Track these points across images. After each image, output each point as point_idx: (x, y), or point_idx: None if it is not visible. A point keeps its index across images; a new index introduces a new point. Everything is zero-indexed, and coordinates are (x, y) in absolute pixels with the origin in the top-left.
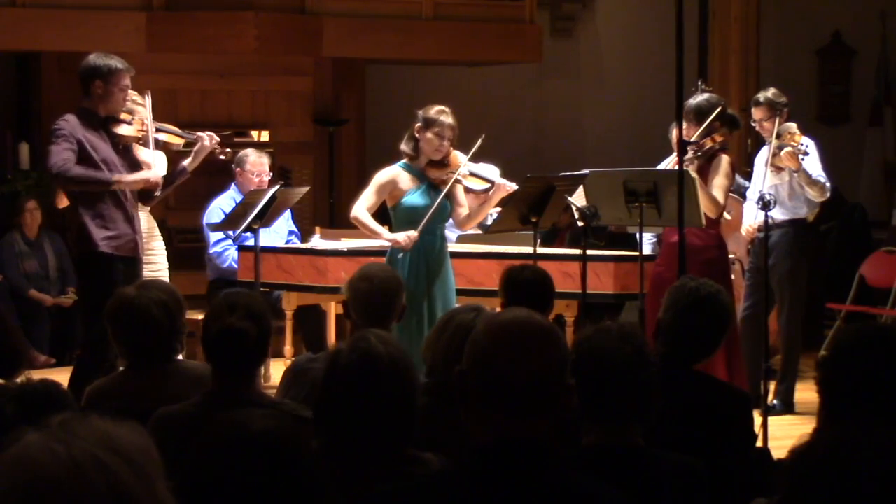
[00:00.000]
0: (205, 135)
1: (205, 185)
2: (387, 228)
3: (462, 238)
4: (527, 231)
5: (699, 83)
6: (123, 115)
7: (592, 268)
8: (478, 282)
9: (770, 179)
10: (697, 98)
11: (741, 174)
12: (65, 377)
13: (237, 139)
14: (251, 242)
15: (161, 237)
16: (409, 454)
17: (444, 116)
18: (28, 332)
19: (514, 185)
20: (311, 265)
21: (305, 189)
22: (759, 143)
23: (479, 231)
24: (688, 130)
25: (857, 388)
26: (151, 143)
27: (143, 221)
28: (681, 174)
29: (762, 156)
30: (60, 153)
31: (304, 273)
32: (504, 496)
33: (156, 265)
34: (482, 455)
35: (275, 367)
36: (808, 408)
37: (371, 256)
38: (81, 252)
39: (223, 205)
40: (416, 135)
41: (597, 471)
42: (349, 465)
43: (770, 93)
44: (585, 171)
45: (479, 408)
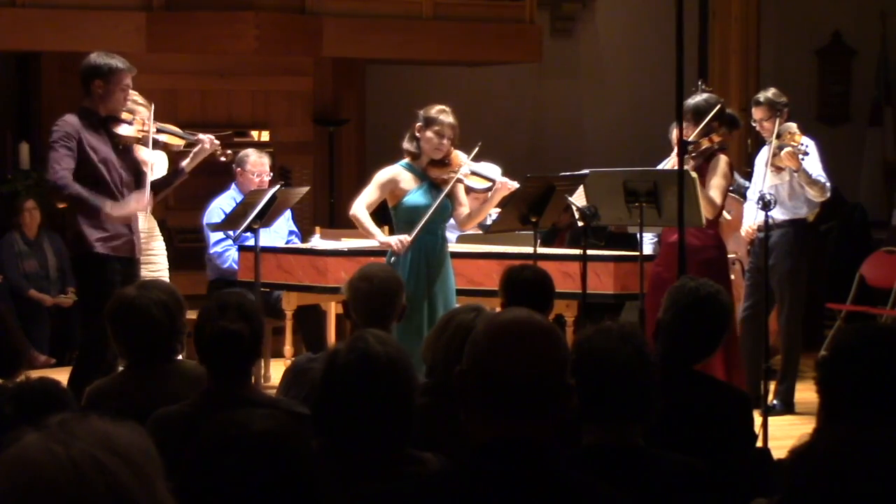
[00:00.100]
0: (205, 137)
1: (205, 186)
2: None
3: (462, 238)
4: (527, 231)
5: (699, 83)
6: (124, 115)
7: (592, 268)
8: (478, 282)
9: (770, 179)
10: (696, 98)
11: (741, 174)
12: (65, 377)
13: (237, 139)
14: (251, 242)
15: (161, 237)
16: (409, 454)
17: (444, 116)
18: (28, 332)
19: (516, 184)
20: (311, 265)
21: (305, 189)
22: (759, 143)
23: (479, 231)
24: (686, 130)
25: (857, 388)
26: (151, 144)
27: (143, 221)
28: (681, 174)
29: (762, 156)
30: (60, 161)
31: (304, 273)
32: (504, 496)
33: (156, 265)
34: (482, 455)
35: (275, 367)
36: (808, 408)
37: (371, 256)
38: (77, 253)
39: (223, 205)
40: (417, 134)
41: (597, 471)
42: (348, 465)
43: (770, 93)
44: (585, 171)
45: (479, 408)
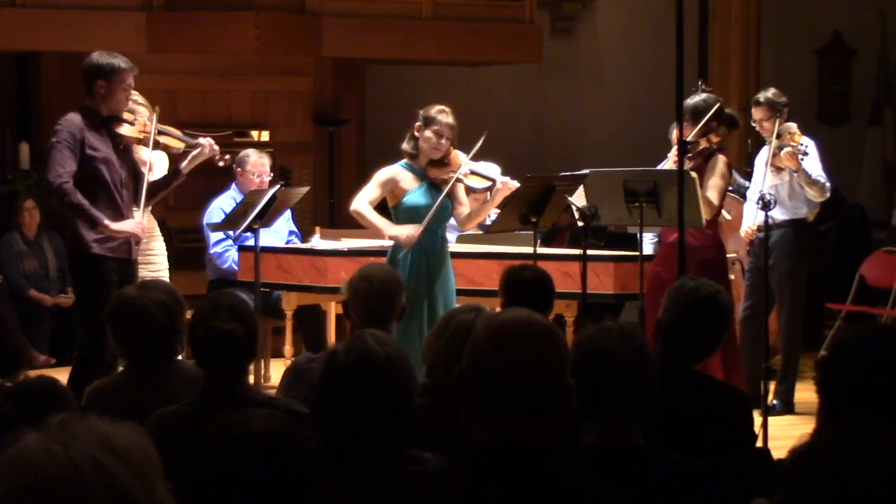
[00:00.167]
0: (205, 141)
1: (205, 186)
2: None
3: (462, 238)
4: (527, 231)
5: (699, 83)
6: (126, 115)
7: (592, 268)
8: (478, 282)
9: (770, 179)
10: (694, 98)
11: (741, 174)
12: (65, 377)
13: (237, 139)
14: (251, 242)
15: (161, 237)
16: (408, 454)
17: (443, 115)
18: (28, 332)
19: (516, 183)
20: (311, 265)
21: (305, 189)
22: (759, 143)
23: (479, 231)
24: (685, 130)
25: (857, 388)
26: (152, 145)
27: (143, 221)
28: (681, 174)
29: (762, 156)
30: (63, 163)
31: (304, 273)
32: (504, 496)
33: (156, 265)
34: (482, 455)
35: (275, 367)
36: (808, 408)
37: (371, 256)
38: (75, 253)
39: (223, 205)
40: (416, 134)
41: (597, 471)
42: (348, 465)
43: (770, 93)
44: (585, 171)
45: (479, 408)
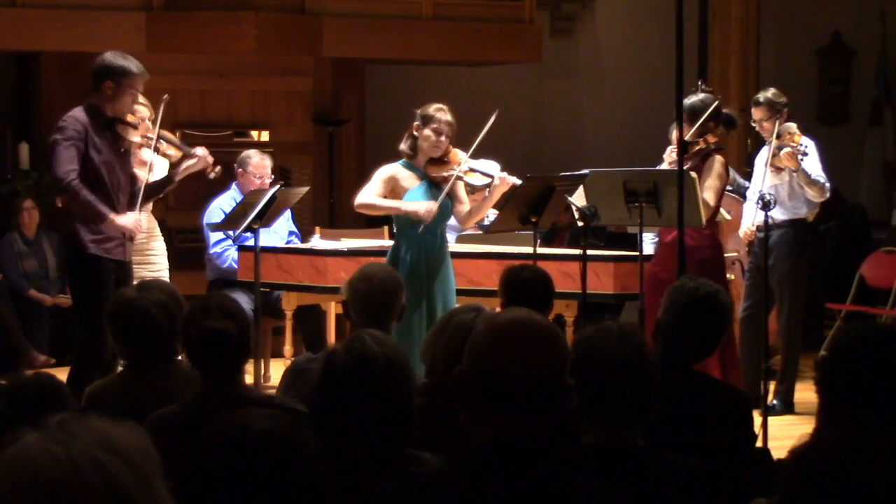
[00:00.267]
0: (201, 152)
1: (205, 186)
2: (387, 228)
3: (462, 238)
4: (527, 231)
5: (699, 83)
6: (130, 119)
7: (592, 268)
8: (478, 282)
9: (770, 179)
10: (692, 98)
11: (741, 174)
12: (64, 377)
13: (237, 139)
14: (251, 242)
15: (161, 237)
16: (408, 454)
17: (441, 113)
18: (28, 332)
19: (516, 179)
20: (311, 265)
21: (305, 189)
22: (759, 143)
23: (479, 231)
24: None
25: (857, 388)
26: (153, 150)
27: (144, 221)
28: (681, 174)
29: (762, 156)
30: (71, 161)
31: (304, 273)
32: (504, 496)
33: (156, 265)
34: (482, 455)
35: (275, 367)
36: (808, 408)
37: (371, 256)
38: (71, 252)
39: (223, 205)
40: (415, 133)
41: (597, 471)
42: (347, 465)
43: (770, 93)
44: (585, 171)
45: (479, 408)
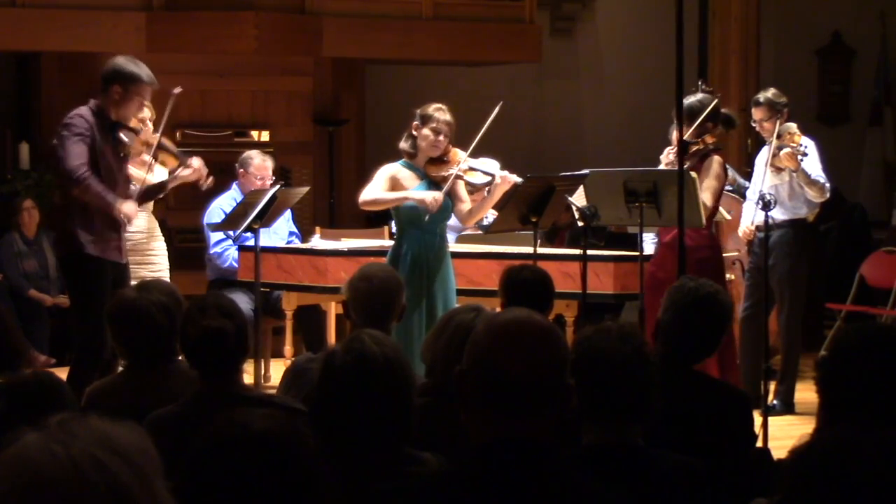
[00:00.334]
0: (197, 164)
1: None
2: (387, 228)
3: (462, 238)
4: (527, 231)
5: (699, 83)
6: (133, 125)
7: (592, 268)
8: (478, 282)
9: (770, 179)
10: (689, 98)
11: (741, 174)
12: (64, 377)
13: (237, 139)
14: (251, 242)
15: (162, 237)
16: (408, 454)
17: (440, 113)
18: (28, 332)
19: (516, 177)
20: (311, 265)
21: (305, 189)
22: (760, 143)
23: (479, 231)
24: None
25: (857, 388)
26: (152, 156)
27: (145, 221)
28: (681, 174)
29: (762, 156)
30: (81, 155)
31: (304, 273)
32: (504, 496)
33: (156, 265)
34: (482, 455)
35: (275, 367)
36: (808, 408)
37: (371, 256)
38: (67, 253)
39: (224, 205)
40: (414, 132)
41: (597, 471)
42: (347, 466)
43: (770, 93)
44: (585, 171)
45: (479, 408)
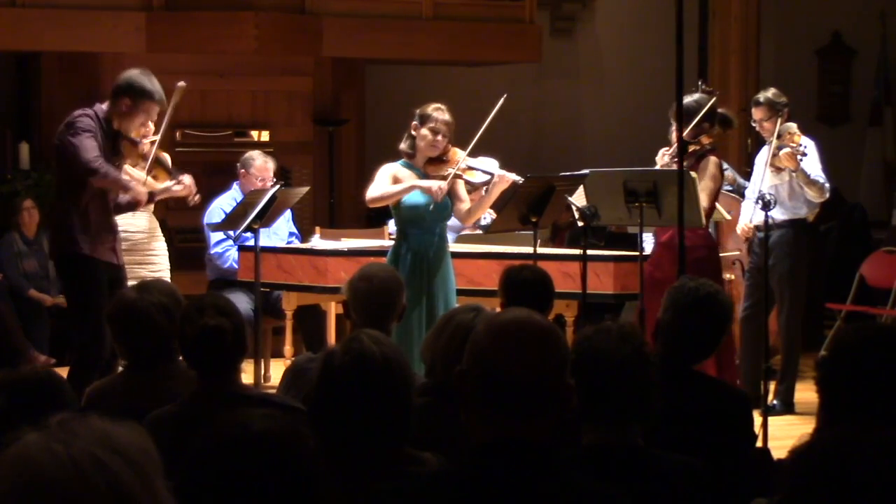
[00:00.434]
0: (188, 181)
1: (205, 186)
2: (386, 228)
3: (462, 238)
4: (527, 231)
5: (699, 83)
6: (133, 135)
7: (592, 268)
8: (478, 282)
9: (770, 179)
10: (686, 99)
11: (741, 174)
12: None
13: (237, 139)
14: (251, 242)
15: (163, 237)
16: (408, 454)
17: (439, 113)
18: (28, 332)
19: (515, 176)
20: (311, 265)
21: (305, 189)
22: (760, 143)
23: (479, 231)
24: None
25: (857, 388)
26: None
27: (146, 221)
28: (681, 174)
29: (762, 156)
30: (93, 149)
31: (304, 273)
32: (504, 496)
33: (157, 265)
34: (482, 455)
35: (275, 367)
36: (808, 408)
37: (371, 256)
38: (61, 253)
39: (224, 205)
40: (413, 132)
41: (597, 471)
42: (347, 466)
43: (770, 93)
44: (585, 171)
45: (479, 407)
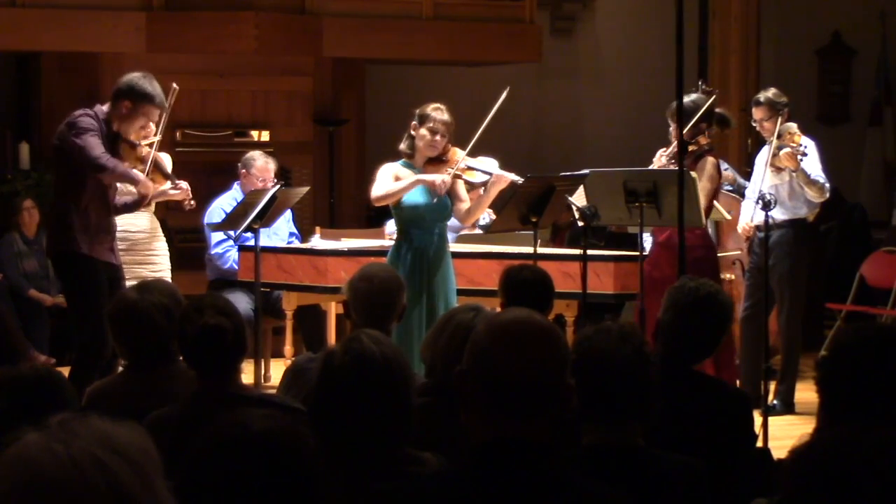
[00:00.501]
0: (184, 186)
1: (205, 186)
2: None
3: (462, 238)
4: (527, 231)
5: (699, 83)
6: (132, 138)
7: (592, 268)
8: (478, 282)
9: (770, 179)
10: (685, 98)
11: (741, 174)
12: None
13: (237, 139)
14: (252, 242)
15: (163, 237)
16: (408, 454)
17: (438, 113)
18: (28, 332)
19: (515, 176)
20: (311, 265)
21: (305, 189)
22: (760, 143)
23: (479, 231)
24: (676, 132)
25: (857, 388)
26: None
27: (147, 221)
28: (681, 174)
29: (762, 156)
30: (99, 146)
31: (304, 273)
32: (504, 496)
33: (158, 265)
34: (482, 455)
35: (275, 367)
36: (808, 408)
37: (371, 256)
38: (59, 252)
39: (224, 205)
40: (412, 132)
41: (597, 471)
42: (347, 466)
43: (770, 93)
44: (585, 171)
45: (479, 407)
